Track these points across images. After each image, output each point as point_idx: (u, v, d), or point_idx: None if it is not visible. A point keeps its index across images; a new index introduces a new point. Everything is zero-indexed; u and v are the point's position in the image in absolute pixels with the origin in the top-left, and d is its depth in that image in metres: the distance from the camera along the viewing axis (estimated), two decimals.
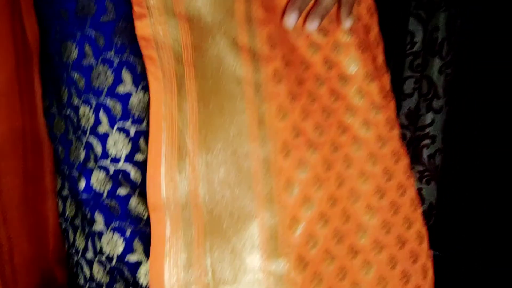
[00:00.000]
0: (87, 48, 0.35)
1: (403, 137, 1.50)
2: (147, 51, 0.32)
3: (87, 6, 0.34)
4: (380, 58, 0.45)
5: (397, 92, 1.39)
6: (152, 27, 0.32)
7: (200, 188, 0.32)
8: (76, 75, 0.36)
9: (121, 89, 0.35)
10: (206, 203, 0.32)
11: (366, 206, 0.38)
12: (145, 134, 0.35)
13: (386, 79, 0.45)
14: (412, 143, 1.40)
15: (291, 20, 0.35)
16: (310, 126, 0.36)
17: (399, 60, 1.38)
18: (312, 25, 0.37)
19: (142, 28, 0.32)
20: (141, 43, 0.32)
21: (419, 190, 1.38)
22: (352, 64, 0.39)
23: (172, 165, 0.32)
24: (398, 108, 1.39)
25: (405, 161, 0.41)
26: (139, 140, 0.34)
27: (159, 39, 0.32)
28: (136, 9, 0.32)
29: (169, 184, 0.32)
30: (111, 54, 0.34)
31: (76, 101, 0.36)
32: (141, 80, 0.34)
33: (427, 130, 1.37)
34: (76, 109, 0.36)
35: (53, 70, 0.39)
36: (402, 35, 1.38)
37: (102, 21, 0.34)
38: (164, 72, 0.32)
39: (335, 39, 0.39)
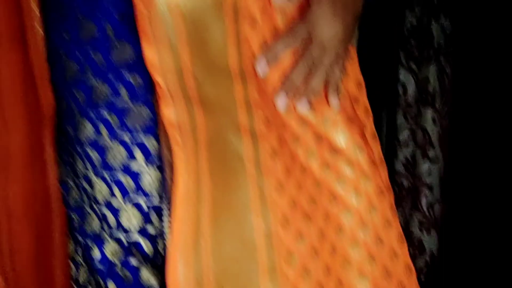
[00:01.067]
0: (102, 128, 0.39)
1: (401, 185, 1.51)
2: (174, 135, 0.36)
3: (102, 91, 0.39)
4: (369, 128, 0.49)
5: (393, 141, 1.43)
6: (176, 113, 0.36)
7: (211, 264, 0.35)
8: (91, 152, 0.39)
9: (134, 167, 0.38)
10: (217, 278, 0.35)
11: (358, 272, 0.40)
12: (156, 208, 0.38)
13: (376, 148, 0.48)
14: (410, 192, 1.43)
15: (281, 103, 0.39)
16: (305, 198, 0.40)
17: (392, 110, 1.43)
18: (303, 107, 0.41)
19: (169, 114, 0.36)
20: (168, 128, 0.36)
21: (419, 240, 1.39)
22: (341, 137, 0.43)
23: (189, 245, 0.35)
24: (395, 156, 1.42)
25: (396, 228, 0.44)
26: (150, 214, 0.38)
27: (182, 123, 0.36)
28: (161, 95, 0.36)
29: (186, 265, 0.35)
30: (124, 134, 0.38)
31: (91, 175, 0.39)
32: (152, 158, 0.38)
33: (425, 179, 1.39)
34: (90, 182, 0.39)
35: (68, 143, 0.43)
36: (394, 85, 1.43)
37: (116, 104, 0.39)
38: (186, 154, 0.36)
39: (323, 114, 0.43)
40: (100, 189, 0.38)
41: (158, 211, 0.37)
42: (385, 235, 0.43)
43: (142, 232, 0.37)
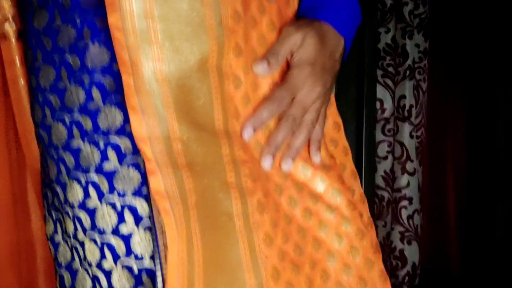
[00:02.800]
0: (91, 191, 0.39)
1: (381, 198, 1.54)
2: (162, 204, 0.36)
3: (91, 154, 0.39)
4: (348, 168, 0.51)
5: (372, 155, 1.45)
6: (164, 181, 0.36)
7: None
8: (81, 214, 0.40)
9: (124, 230, 0.39)
10: None
11: None
12: (148, 271, 0.39)
13: (356, 186, 0.50)
14: (390, 204, 1.46)
15: (267, 163, 0.41)
16: (292, 247, 0.41)
17: (371, 124, 1.46)
18: (286, 166, 0.42)
19: (155, 183, 0.36)
20: (156, 197, 0.37)
21: (401, 251, 1.42)
22: (320, 184, 0.44)
23: None
24: (374, 170, 1.45)
25: (378, 266, 0.45)
26: (142, 277, 0.38)
27: (170, 190, 0.37)
28: (148, 165, 0.36)
29: None
30: (114, 197, 0.39)
31: (81, 236, 0.40)
32: (143, 221, 0.39)
33: (404, 192, 1.43)
34: (82, 244, 0.40)
35: (58, 201, 0.43)
36: (372, 101, 1.46)
37: (105, 169, 0.39)
38: (176, 220, 0.37)
39: (302, 163, 0.44)
40: (91, 250, 0.39)
41: (151, 273, 0.38)
42: (367, 275, 0.45)
43: None
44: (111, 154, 0.38)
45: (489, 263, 1.47)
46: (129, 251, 0.38)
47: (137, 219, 0.38)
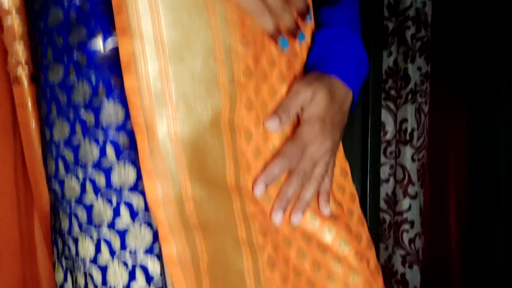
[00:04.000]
0: (103, 247, 0.40)
1: (383, 221, 1.54)
2: (174, 270, 0.36)
3: (104, 211, 0.40)
4: (356, 215, 0.51)
5: (377, 179, 1.46)
6: (176, 246, 0.36)
7: None
8: (93, 270, 0.40)
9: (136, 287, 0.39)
10: None
11: None
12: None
13: (364, 232, 0.51)
14: (392, 227, 1.46)
15: (278, 219, 0.41)
16: None
17: (375, 147, 1.47)
18: (296, 219, 0.43)
19: (168, 249, 0.36)
20: (168, 263, 0.36)
21: (402, 275, 1.42)
22: (328, 234, 0.45)
23: None
24: (377, 193, 1.45)
25: None
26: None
27: (182, 254, 0.37)
28: (160, 230, 0.36)
29: None
30: (125, 254, 0.39)
31: None
32: (152, 279, 0.39)
33: (406, 215, 1.43)
34: None
35: (69, 254, 0.43)
36: (377, 124, 1.47)
37: (117, 226, 0.39)
38: (187, 285, 0.37)
39: (310, 214, 0.45)
40: None
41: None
42: None
43: None
44: (124, 211, 0.39)
45: (491, 287, 1.47)
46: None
47: (148, 278, 0.39)
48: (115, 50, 0.40)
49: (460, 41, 1.55)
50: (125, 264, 0.39)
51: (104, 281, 0.39)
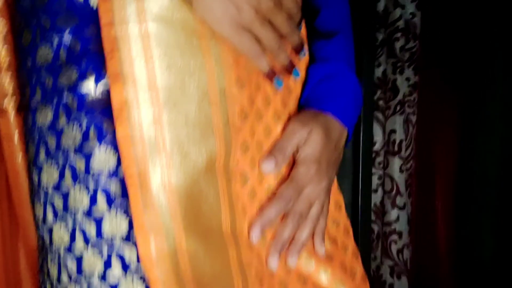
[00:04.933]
0: None
1: (371, 231, 1.54)
2: None
3: (94, 262, 0.38)
4: (350, 249, 0.51)
5: (368, 191, 1.46)
6: None
7: None
8: None
9: None
10: None
11: None
12: None
13: (358, 267, 0.50)
14: (380, 238, 1.47)
15: (274, 264, 0.41)
16: None
17: (366, 158, 1.47)
18: (292, 261, 0.42)
19: None
20: None
21: (390, 286, 1.43)
22: (323, 275, 0.45)
23: None
24: (368, 203, 1.46)
25: None
26: None
27: None
28: None
29: None
30: None
31: None
32: None
33: (394, 226, 1.44)
34: None
35: None
36: (369, 134, 1.47)
37: (108, 279, 0.38)
38: None
39: (305, 255, 0.44)
40: None
41: None
42: None
43: None
44: (115, 263, 0.38)
45: None
46: None
47: None
48: (107, 93, 0.39)
49: (448, 52, 1.57)
50: None
51: None
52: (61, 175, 0.39)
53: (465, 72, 1.56)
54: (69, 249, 0.39)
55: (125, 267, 0.38)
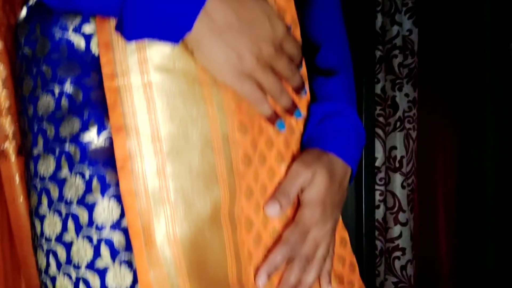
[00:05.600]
0: None
1: (375, 247, 1.53)
2: None
3: None
4: (356, 284, 0.51)
5: (372, 206, 1.46)
6: None
7: None
8: None
9: None
10: None
11: None
12: None
13: None
14: (383, 254, 1.46)
15: None
16: None
17: (369, 174, 1.47)
18: None
19: None
20: None
21: None
22: None
23: None
24: (372, 219, 1.45)
25: None
26: None
27: None
28: None
29: None
30: None
31: None
32: None
33: (397, 242, 1.43)
34: None
35: None
36: (370, 150, 1.47)
37: None
38: None
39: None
40: None
41: None
42: None
43: None
44: None
45: None
46: None
47: None
48: (110, 142, 0.38)
49: (446, 66, 1.58)
50: None
51: None
52: (64, 226, 0.39)
53: (462, 86, 1.57)
54: None
55: None
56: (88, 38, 0.40)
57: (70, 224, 0.38)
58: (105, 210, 0.38)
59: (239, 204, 0.40)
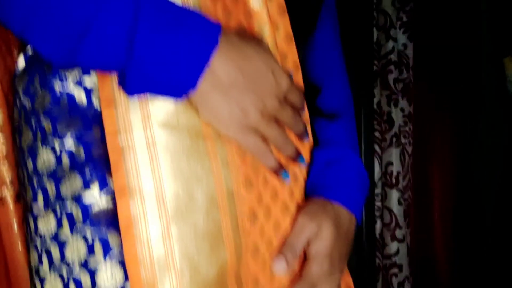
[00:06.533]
0: None
1: (375, 265, 1.53)
2: None
3: None
4: None
5: (371, 220, 1.46)
6: None
7: None
8: None
9: None
10: None
11: None
12: None
13: None
14: (381, 270, 1.46)
15: None
16: None
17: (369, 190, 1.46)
18: None
19: None
20: None
21: None
22: None
23: None
24: (373, 236, 1.45)
25: None
26: None
27: None
28: None
29: None
30: None
31: None
32: None
33: (394, 259, 1.43)
34: None
35: None
36: (370, 166, 1.47)
37: None
38: None
39: None
40: None
41: None
42: None
43: None
44: None
45: None
46: None
47: None
48: (113, 201, 0.38)
49: (441, 79, 1.58)
50: None
51: None
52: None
53: (458, 100, 1.58)
54: None
55: None
56: (89, 91, 0.40)
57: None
58: (108, 275, 0.37)
59: (246, 262, 0.39)
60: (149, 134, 0.37)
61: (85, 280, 0.37)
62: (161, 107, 0.37)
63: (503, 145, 1.53)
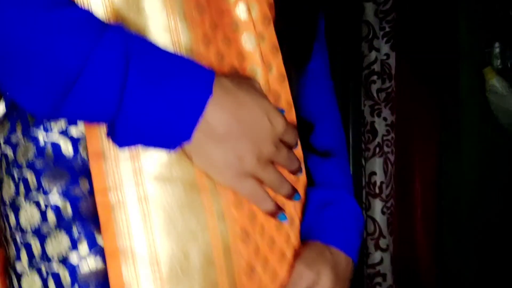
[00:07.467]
0: None
1: (362, 274, 1.54)
2: None
3: None
4: None
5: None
6: None
7: None
8: None
9: None
10: None
11: None
12: None
13: None
14: (365, 280, 1.47)
15: None
16: None
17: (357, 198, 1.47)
18: None
19: None
20: None
21: None
22: None
23: None
24: (363, 243, 1.46)
25: None
26: None
27: None
28: None
29: None
30: None
31: None
32: None
33: (378, 268, 1.44)
34: None
35: None
36: (358, 172, 1.48)
37: None
38: None
39: None
40: None
41: None
42: None
43: None
44: None
45: None
46: None
47: None
48: (103, 263, 0.36)
49: (422, 88, 1.60)
50: None
51: None
52: None
53: (438, 108, 1.59)
54: None
55: None
56: (75, 141, 0.37)
57: None
58: None
59: None
60: (141, 188, 0.35)
61: None
62: (154, 159, 0.35)
63: (483, 153, 1.56)
